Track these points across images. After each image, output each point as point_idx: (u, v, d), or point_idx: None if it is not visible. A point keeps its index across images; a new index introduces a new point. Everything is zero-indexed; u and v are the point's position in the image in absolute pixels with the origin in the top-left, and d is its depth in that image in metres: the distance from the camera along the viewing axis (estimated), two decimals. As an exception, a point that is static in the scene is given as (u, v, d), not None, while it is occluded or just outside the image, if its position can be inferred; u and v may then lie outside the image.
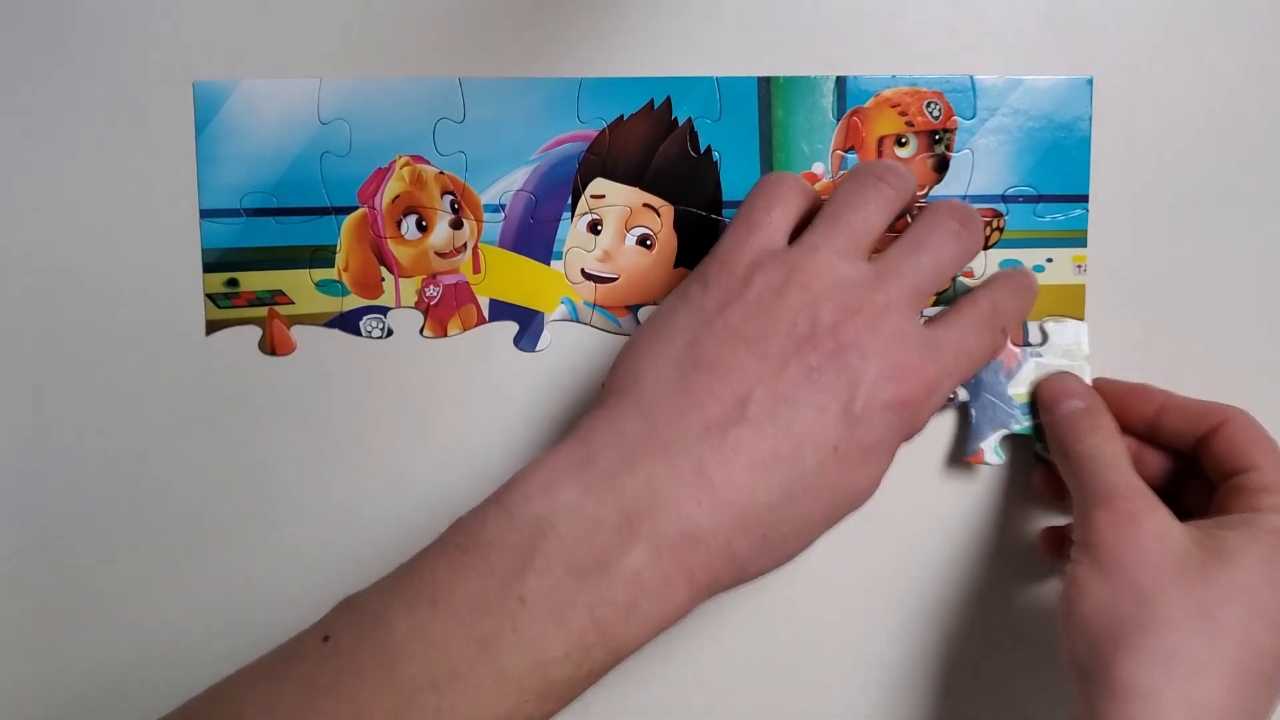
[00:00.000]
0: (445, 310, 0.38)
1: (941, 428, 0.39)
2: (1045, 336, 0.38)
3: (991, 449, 0.38)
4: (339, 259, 0.38)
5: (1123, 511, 0.32)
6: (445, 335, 0.38)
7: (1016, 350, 0.38)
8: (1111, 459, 0.34)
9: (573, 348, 0.38)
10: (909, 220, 0.37)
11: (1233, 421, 0.34)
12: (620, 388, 0.31)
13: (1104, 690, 0.30)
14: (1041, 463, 0.38)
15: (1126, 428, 0.36)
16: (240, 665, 0.29)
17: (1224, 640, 0.30)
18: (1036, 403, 0.37)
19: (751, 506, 0.29)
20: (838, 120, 0.38)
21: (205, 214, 0.37)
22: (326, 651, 0.28)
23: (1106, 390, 0.37)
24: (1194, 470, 0.36)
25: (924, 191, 0.38)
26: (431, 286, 0.38)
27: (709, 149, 0.38)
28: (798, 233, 0.34)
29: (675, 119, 0.38)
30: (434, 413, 0.38)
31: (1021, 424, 0.38)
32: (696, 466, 0.29)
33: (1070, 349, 0.38)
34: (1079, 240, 0.38)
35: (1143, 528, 0.32)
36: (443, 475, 0.38)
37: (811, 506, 0.30)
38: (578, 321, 0.38)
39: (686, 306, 0.32)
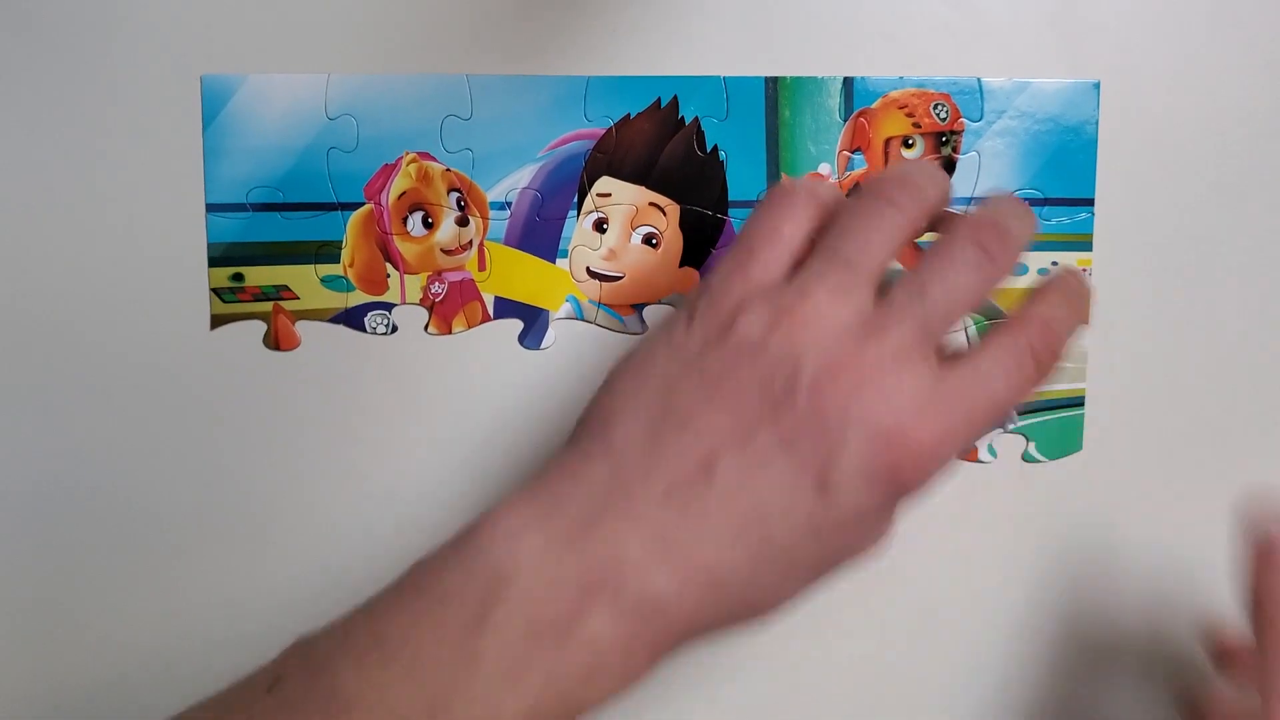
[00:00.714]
0: (450, 307, 0.38)
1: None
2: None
3: (985, 447, 0.38)
4: (344, 255, 0.38)
5: None
6: (450, 332, 0.38)
7: None
8: None
9: (577, 346, 0.38)
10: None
11: None
12: (591, 431, 0.29)
13: None
14: (1028, 462, 0.38)
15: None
16: (242, 666, 0.29)
17: None
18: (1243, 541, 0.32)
19: (719, 575, 0.27)
20: (845, 121, 0.38)
21: (211, 208, 0.37)
22: (271, 704, 0.27)
23: None
24: None
25: (930, 193, 0.38)
26: (437, 283, 0.38)
27: (715, 148, 0.38)
28: None
29: (682, 118, 0.38)
30: (438, 410, 0.38)
31: (1016, 424, 0.38)
32: (659, 531, 0.27)
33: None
34: (1084, 244, 0.38)
35: None
36: (445, 473, 0.38)
37: (788, 573, 0.28)
38: (583, 320, 0.38)
39: (668, 346, 0.29)
